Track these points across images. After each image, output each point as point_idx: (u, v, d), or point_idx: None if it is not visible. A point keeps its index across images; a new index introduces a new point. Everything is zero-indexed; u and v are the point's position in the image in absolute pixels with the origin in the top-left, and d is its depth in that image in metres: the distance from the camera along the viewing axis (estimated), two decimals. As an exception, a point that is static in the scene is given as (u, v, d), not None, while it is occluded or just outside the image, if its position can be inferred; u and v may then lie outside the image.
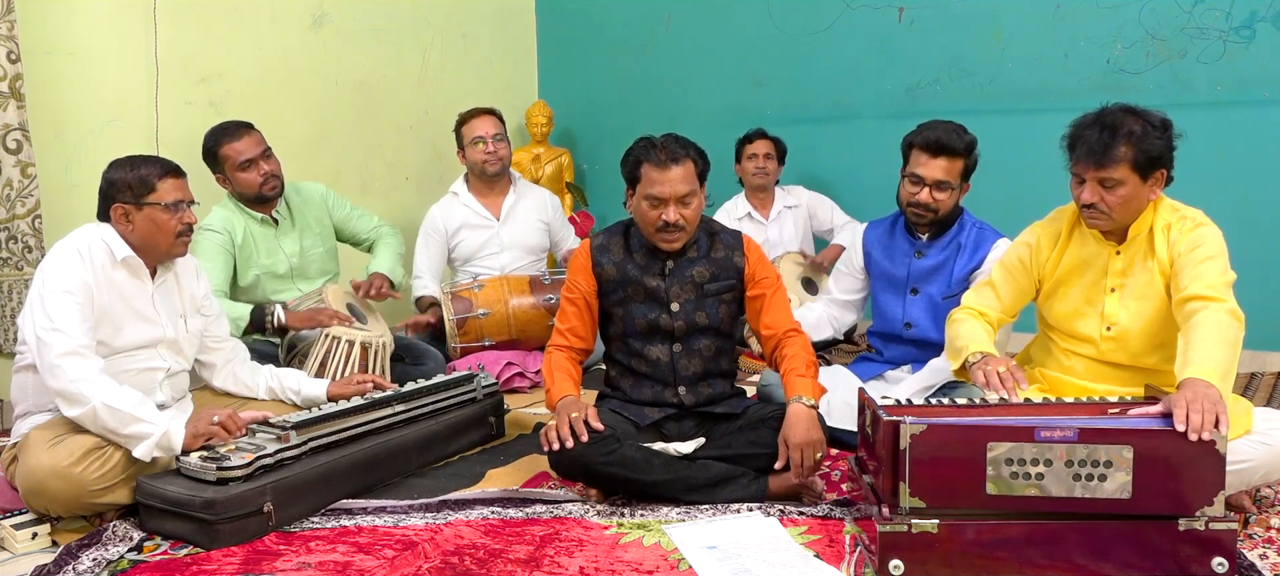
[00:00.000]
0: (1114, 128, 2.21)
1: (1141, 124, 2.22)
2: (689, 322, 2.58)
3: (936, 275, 2.90)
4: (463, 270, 4.05)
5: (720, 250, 2.61)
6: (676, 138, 2.54)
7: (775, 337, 2.60)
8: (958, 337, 2.45)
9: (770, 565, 2.10)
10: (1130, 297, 2.33)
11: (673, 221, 2.47)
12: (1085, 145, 2.24)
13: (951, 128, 2.79)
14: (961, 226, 2.90)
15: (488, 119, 3.95)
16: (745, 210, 4.42)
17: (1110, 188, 2.23)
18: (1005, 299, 2.52)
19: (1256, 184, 3.69)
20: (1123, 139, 2.20)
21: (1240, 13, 3.71)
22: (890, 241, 2.99)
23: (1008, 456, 1.96)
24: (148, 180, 2.42)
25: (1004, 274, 2.52)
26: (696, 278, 2.58)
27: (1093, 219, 2.30)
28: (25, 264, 3.24)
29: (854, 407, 2.43)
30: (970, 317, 2.51)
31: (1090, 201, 2.26)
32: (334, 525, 2.37)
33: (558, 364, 2.62)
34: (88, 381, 2.26)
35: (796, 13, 4.65)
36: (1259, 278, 2.77)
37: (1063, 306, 2.44)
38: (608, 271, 2.60)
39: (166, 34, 3.69)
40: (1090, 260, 2.39)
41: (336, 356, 3.06)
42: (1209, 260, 2.19)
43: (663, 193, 2.46)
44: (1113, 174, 2.21)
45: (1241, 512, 2.32)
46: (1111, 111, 2.25)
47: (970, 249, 2.86)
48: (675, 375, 2.60)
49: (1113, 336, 2.35)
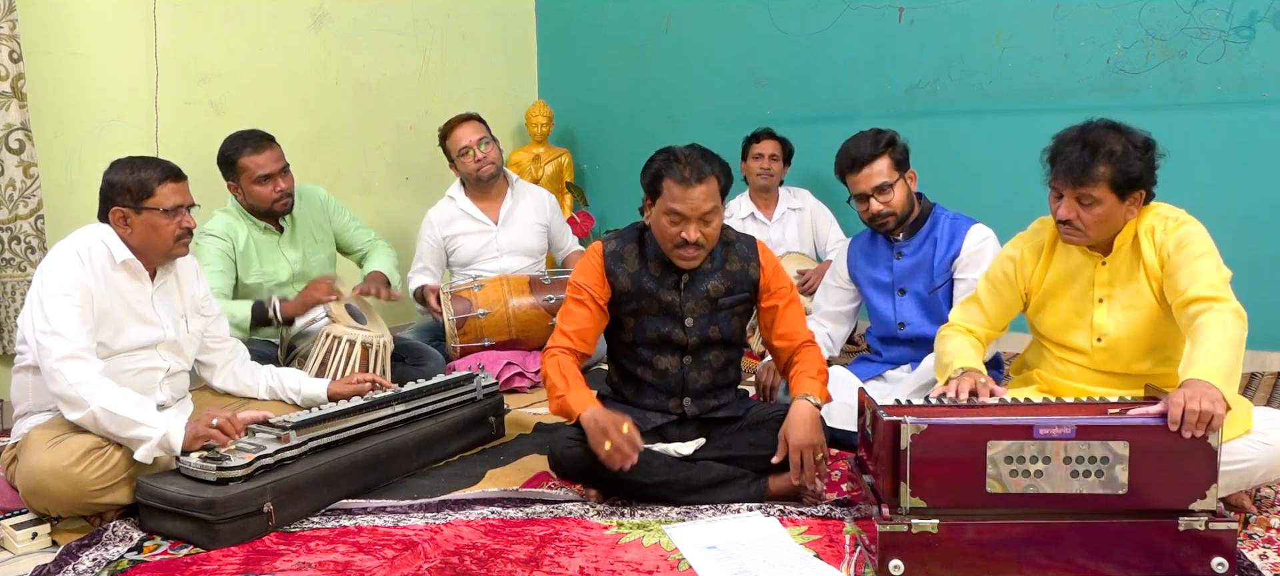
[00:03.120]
0: (1095, 146, 2.19)
1: (1123, 143, 2.19)
2: (702, 337, 2.54)
3: (918, 272, 2.95)
4: (461, 273, 4.03)
5: (735, 262, 2.55)
6: (701, 151, 2.43)
7: (790, 349, 2.56)
8: (944, 354, 2.45)
9: (770, 565, 2.10)
10: (1118, 307, 2.32)
11: (693, 240, 2.40)
12: (1065, 162, 2.22)
13: (861, 138, 2.86)
14: (935, 221, 2.94)
15: (469, 125, 3.89)
16: (749, 210, 4.42)
17: (1087, 205, 2.22)
18: (991, 313, 2.51)
19: (1256, 184, 3.69)
20: (1103, 158, 2.18)
21: (1240, 13, 3.70)
22: (872, 249, 3.04)
23: (1007, 455, 1.96)
24: (147, 184, 2.42)
25: (989, 288, 2.51)
26: (711, 292, 2.53)
27: (1069, 235, 2.30)
28: (27, 264, 3.24)
29: (854, 407, 2.43)
30: (957, 334, 2.51)
31: (1067, 218, 2.25)
32: (334, 525, 2.37)
33: (567, 367, 2.47)
34: (87, 385, 2.26)
35: (796, 13, 4.64)
36: (1259, 278, 2.77)
37: (1052, 319, 2.43)
38: (621, 282, 2.53)
39: (166, 34, 3.69)
40: (1076, 272, 2.38)
41: (337, 356, 3.06)
42: (1202, 258, 2.18)
43: (685, 210, 2.38)
44: (1090, 192, 2.20)
45: (1241, 512, 2.32)
46: (1094, 128, 2.23)
47: (946, 240, 2.91)
48: (683, 386, 2.58)
49: (1104, 347, 2.35)
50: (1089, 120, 2.28)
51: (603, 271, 2.53)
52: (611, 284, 2.53)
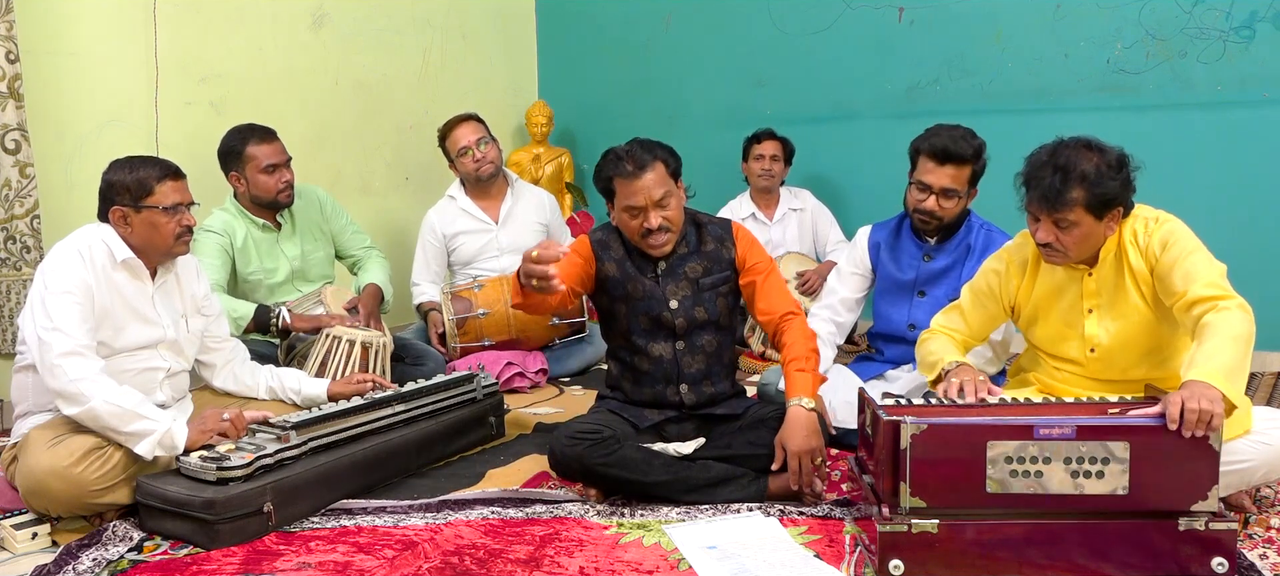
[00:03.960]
0: (1067, 170, 2.16)
1: (1096, 165, 2.16)
2: (689, 318, 2.58)
3: (945, 277, 2.88)
4: (462, 273, 4.04)
5: (709, 243, 2.61)
6: (641, 143, 2.52)
7: (773, 321, 2.59)
8: (929, 353, 2.45)
9: (770, 565, 2.10)
10: (1108, 317, 2.31)
11: (655, 226, 2.47)
12: (1038, 188, 2.20)
13: (959, 133, 2.75)
14: (970, 228, 2.88)
15: (468, 126, 3.91)
16: (749, 210, 4.41)
17: (1065, 228, 2.20)
18: (973, 324, 2.50)
19: (1256, 184, 3.69)
20: (1075, 182, 2.15)
21: (1240, 13, 3.71)
22: (896, 244, 2.96)
23: (1007, 455, 1.96)
24: (146, 183, 2.42)
25: (973, 299, 2.50)
26: (690, 273, 2.58)
27: (1050, 257, 2.28)
28: (24, 264, 3.24)
29: (854, 407, 2.43)
30: (940, 336, 2.50)
31: (1046, 241, 2.24)
32: (334, 525, 2.37)
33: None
34: (88, 381, 2.26)
35: (796, 13, 4.64)
36: (1259, 278, 2.76)
37: (1043, 331, 2.43)
38: (608, 267, 2.61)
39: (166, 34, 3.68)
40: (1064, 285, 2.36)
41: (337, 356, 3.06)
42: (1192, 255, 2.17)
43: (637, 201, 2.46)
44: (1066, 216, 2.18)
45: (1241, 512, 2.32)
46: (1066, 149, 2.20)
47: (979, 251, 2.83)
48: (678, 372, 2.60)
49: (1097, 356, 2.34)
50: (1060, 139, 2.24)
51: (590, 255, 2.62)
52: (599, 265, 2.61)
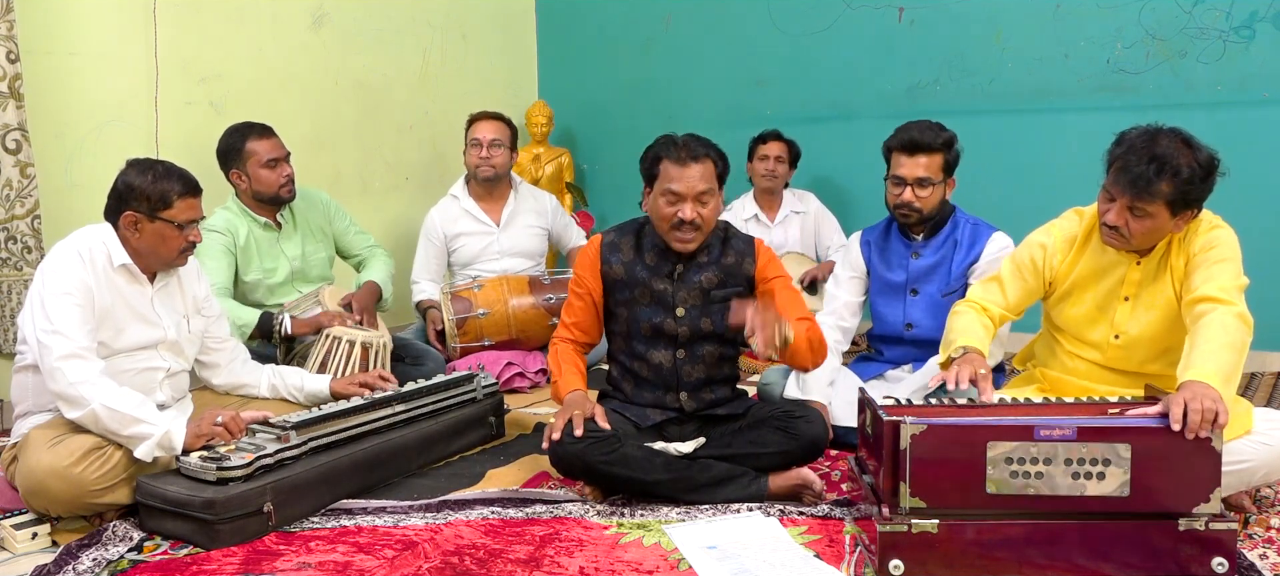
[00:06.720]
0: (1162, 162, 2.13)
1: (1190, 165, 2.14)
2: (693, 329, 2.57)
3: (934, 273, 2.90)
4: (462, 274, 4.04)
5: (731, 256, 2.59)
6: (697, 137, 2.54)
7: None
8: (952, 330, 2.44)
9: (770, 565, 2.10)
10: (1142, 308, 2.32)
11: (689, 219, 2.46)
12: (1128, 173, 2.16)
13: (927, 125, 2.80)
14: (955, 223, 2.91)
15: (491, 124, 3.93)
16: (752, 211, 4.41)
17: (1139, 216, 2.19)
18: (1012, 297, 2.49)
19: (1256, 184, 3.69)
20: (1167, 176, 2.13)
21: (1240, 13, 3.71)
22: (886, 245, 2.99)
23: (1007, 455, 1.96)
24: (167, 196, 2.41)
25: (1013, 271, 2.49)
26: (704, 284, 2.56)
27: (1111, 239, 2.27)
28: (24, 264, 3.24)
29: (854, 407, 2.43)
30: (971, 311, 2.48)
31: (1115, 224, 2.22)
32: (334, 525, 2.37)
33: (565, 355, 2.64)
34: (88, 383, 2.26)
35: (796, 13, 4.65)
36: (1260, 278, 2.75)
37: (1074, 311, 2.41)
38: (615, 270, 2.59)
39: (166, 34, 3.68)
40: (1108, 268, 2.36)
41: (337, 356, 3.06)
42: (1222, 263, 2.17)
43: (681, 189, 2.45)
44: (1146, 206, 2.17)
45: (1241, 512, 2.32)
46: (1164, 139, 2.17)
47: (966, 244, 2.86)
48: (678, 380, 2.60)
49: (1120, 344, 2.34)
50: (1158, 127, 2.21)
51: (597, 262, 2.61)
52: (604, 273, 2.61)
